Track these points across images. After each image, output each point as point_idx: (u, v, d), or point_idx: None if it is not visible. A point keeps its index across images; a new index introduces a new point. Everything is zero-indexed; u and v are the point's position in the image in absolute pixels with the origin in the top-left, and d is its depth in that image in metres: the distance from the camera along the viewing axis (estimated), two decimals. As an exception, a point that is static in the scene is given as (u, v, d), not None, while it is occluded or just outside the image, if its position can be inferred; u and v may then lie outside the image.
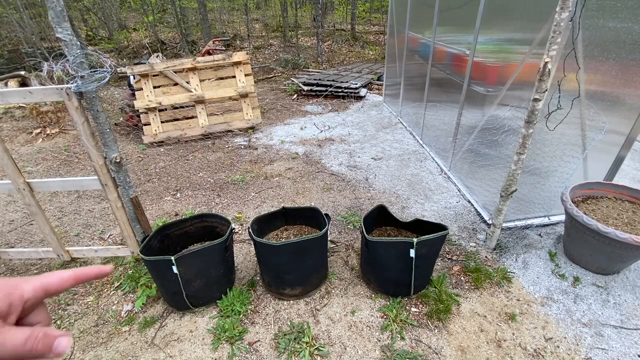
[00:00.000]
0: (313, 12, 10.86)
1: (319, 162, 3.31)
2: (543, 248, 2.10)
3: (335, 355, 1.52)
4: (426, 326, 1.64)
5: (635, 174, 3.03)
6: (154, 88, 3.85)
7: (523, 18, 1.94)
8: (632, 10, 1.64)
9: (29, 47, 7.33)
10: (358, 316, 1.69)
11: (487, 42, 2.29)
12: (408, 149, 3.55)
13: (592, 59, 1.75)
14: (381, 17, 12.07)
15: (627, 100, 1.93)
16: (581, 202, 2.03)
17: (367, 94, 5.54)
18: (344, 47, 9.22)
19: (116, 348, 1.55)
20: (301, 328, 1.62)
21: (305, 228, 1.98)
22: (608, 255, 1.76)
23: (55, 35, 1.44)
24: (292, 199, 2.70)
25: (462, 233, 2.27)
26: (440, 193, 2.74)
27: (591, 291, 1.80)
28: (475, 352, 1.52)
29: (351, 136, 3.92)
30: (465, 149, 2.70)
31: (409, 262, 1.61)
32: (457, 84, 2.70)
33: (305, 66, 7.36)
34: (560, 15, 1.41)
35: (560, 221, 2.28)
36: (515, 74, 2.01)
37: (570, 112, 1.76)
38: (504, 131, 2.17)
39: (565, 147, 2.06)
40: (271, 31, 11.36)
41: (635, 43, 1.72)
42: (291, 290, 1.74)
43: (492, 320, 1.66)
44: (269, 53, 8.86)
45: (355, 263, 2.03)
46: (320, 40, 7.69)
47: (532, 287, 1.84)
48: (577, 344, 1.55)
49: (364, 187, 2.85)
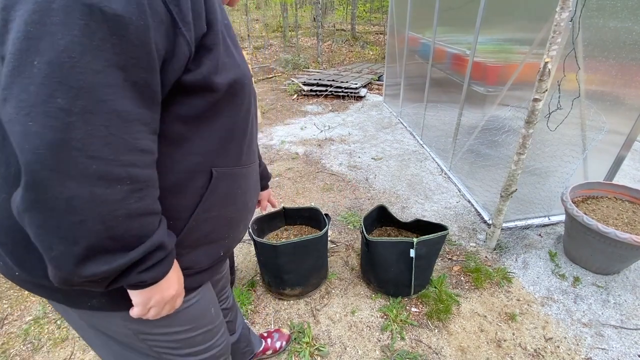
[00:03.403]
0: (313, 12, 10.86)
1: (319, 162, 3.31)
2: (543, 248, 2.10)
3: (335, 355, 1.52)
4: (426, 326, 1.64)
5: (635, 174, 3.03)
6: (154, 88, 3.85)
7: (523, 18, 1.94)
8: (632, 10, 1.64)
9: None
10: (358, 316, 1.69)
11: (487, 42, 2.29)
12: (408, 149, 3.55)
13: (592, 59, 1.75)
14: (381, 17, 12.08)
15: (627, 100, 1.93)
16: (581, 202, 2.03)
17: (367, 94, 5.54)
18: (344, 47, 9.22)
19: (116, 348, 1.55)
20: (301, 328, 1.62)
21: (305, 228, 1.98)
22: (608, 255, 1.76)
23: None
24: (292, 199, 2.70)
25: (462, 233, 2.27)
26: (440, 193, 2.74)
27: (591, 291, 1.80)
28: (475, 352, 1.52)
29: (351, 136, 3.92)
30: (466, 149, 2.70)
31: (409, 262, 1.61)
32: (457, 84, 2.70)
33: (305, 66, 7.36)
34: (560, 15, 1.41)
35: (560, 221, 2.28)
36: (515, 74, 2.01)
37: (571, 112, 1.76)
38: (504, 131, 2.17)
39: (566, 147, 2.06)
40: (271, 31, 11.36)
41: (635, 43, 1.72)
42: (291, 290, 1.74)
43: (492, 320, 1.66)
44: (269, 53, 8.86)
45: (355, 263, 2.03)
46: (320, 40, 7.70)
47: (532, 287, 1.84)
48: (577, 344, 1.55)
49: (364, 187, 2.85)
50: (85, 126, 0.41)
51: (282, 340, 1.50)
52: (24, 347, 1.56)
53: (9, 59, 0.39)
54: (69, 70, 0.39)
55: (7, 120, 0.40)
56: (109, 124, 0.43)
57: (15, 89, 0.39)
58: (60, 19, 0.38)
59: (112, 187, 0.44)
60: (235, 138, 0.66)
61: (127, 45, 0.42)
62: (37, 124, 0.39)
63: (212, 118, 0.59)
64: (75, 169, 0.41)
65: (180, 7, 0.46)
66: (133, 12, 0.42)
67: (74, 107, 0.40)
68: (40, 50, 0.38)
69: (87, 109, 0.41)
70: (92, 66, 0.40)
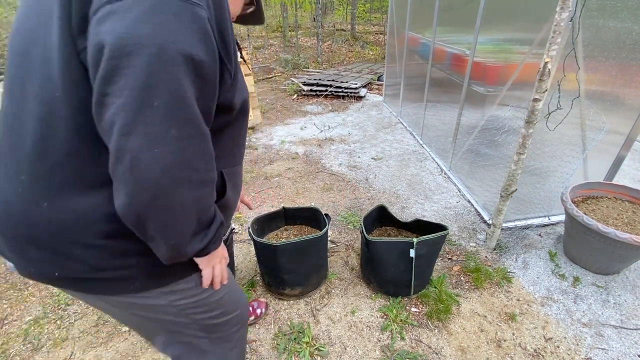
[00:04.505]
0: (313, 12, 10.86)
1: (319, 162, 3.31)
2: (543, 248, 2.10)
3: (335, 355, 1.52)
4: (426, 326, 1.64)
5: (635, 174, 3.03)
6: (154, 88, 3.85)
7: (523, 18, 1.94)
8: (632, 10, 1.64)
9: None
10: (358, 316, 1.69)
11: (487, 42, 2.29)
12: (408, 149, 3.55)
13: (592, 59, 1.75)
14: (381, 17, 12.08)
15: (627, 100, 1.93)
16: (581, 202, 2.03)
17: (367, 94, 5.54)
18: (344, 47, 9.22)
19: (116, 348, 1.55)
20: (301, 328, 1.62)
21: (305, 228, 1.98)
22: (608, 255, 1.76)
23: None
24: (292, 199, 2.70)
25: (462, 233, 2.27)
26: (440, 193, 2.74)
27: (591, 291, 1.80)
28: (475, 352, 1.52)
29: (351, 136, 3.92)
30: (466, 149, 2.70)
31: (409, 262, 1.61)
32: (457, 84, 2.70)
33: (305, 66, 7.36)
34: (560, 15, 1.41)
35: (560, 221, 2.28)
36: (515, 74, 2.01)
37: (570, 112, 1.76)
38: (504, 131, 2.17)
39: (565, 147, 2.06)
40: (271, 31, 11.36)
41: (635, 43, 1.72)
42: (291, 290, 1.74)
43: (492, 320, 1.66)
44: (269, 53, 8.86)
45: (355, 263, 2.03)
46: (320, 40, 7.70)
47: (532, 287, 1.84)
48: (577, 344, 1.55)
49: (364, 187, 2.85)
50: (190, 147, 0.56)
51: (261, 307, 1.68)
52: (24, 347, 1.56)
53: (130, 101, 0.49)
54: (178, 107, 0.53)
55: (134, 148, 0.51)
56: (200, 143, 0.58)
57: (140, 126, 0.50)
58: (169, 68, 0.50)
59: (205, 188, 0.62)
60: (239, 143, 0.82)
61: (205, 83, 0.56)
62: (161, 151, 0.52)
63: (225, 130, 0.73)
64: (187, 180, 0.57)
65: (227, 49, 0.61)
66: (209, 58, 0.55)
67: (182, 134, 0.54)
68: (157, 94, 0.50)
69: (190, 134, 0.55)
70: (190, 101, 0.54)
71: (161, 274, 0.71)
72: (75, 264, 0.64)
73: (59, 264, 0.64)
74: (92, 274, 0.65)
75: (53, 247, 0.62)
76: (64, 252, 0.63)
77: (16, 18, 0.60)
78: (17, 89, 0.59)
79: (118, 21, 0.48)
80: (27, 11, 0.58)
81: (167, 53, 0.49)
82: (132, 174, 0.52)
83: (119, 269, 0.66)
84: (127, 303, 0.73)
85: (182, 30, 0.51)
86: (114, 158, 0.52)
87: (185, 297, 0.78)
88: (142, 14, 0.48)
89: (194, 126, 0.56)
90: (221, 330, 0.91)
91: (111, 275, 0.66)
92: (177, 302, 0.77)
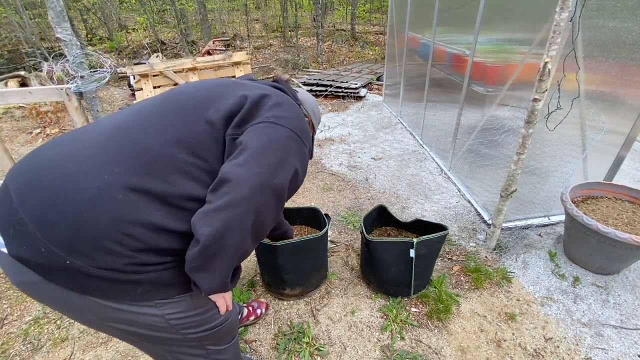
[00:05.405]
0: (313, 12, 10.86)
1: (319, 162, 3.31)
2: (543, 248, 2.10)
3: (335, 355, 1.52)
4: (426, 326, 1.64)
5: (635, 174, 3.03)
6: (154, 88, 3.85)
7: (523, 18, 1.94)
8: (632, 10, 1.64)
9: (29, 47, 7.33)
10: (358, 316, 1.69)
11: (487, 42, 2.29)
12: (408, 149, 3.55)
13: (592, 59, 1.75)
14: (381, 17, 12.08)
15: (627, 100, 1.93)
16: (581, 202, 2.03)
17: (367, 94, 5.54)
18: (344, 47, 9.21)
19: (116, 348, 1.55)
20: (301, 328, 1.62)
21: (305, 228, 1.98)
22: (608, 255, 1.76)
23: (55, 36, 1.44)
24: (292, 199, 2.70)
25: (462, 233, 2.27)
26: (440, 193, 2.74)
27: (591, 291, 1.80)
28: (475, 352, 1.52)
29: (351, 136, 3.92)
30: (465, 149, 2.70)
31: (409, 262, 1.61)
32: (457, 84, 2.70)
33: (305, 66, 7.35)
34: (560, 15, 1.41)
35: (560, 221, 2.28)
36: (515, 74, 2.01)
37: (570, 112, 1.76)
38: (504, 131, 2.17)
39: (565, 147, 2.06)
40: (271, 31, 11.36)
41: (635, 43, 1.72)
42: (291, 291, 1.74)
43: (492, 320, 1.66)
44: (269, 53, 8.86)
45: (355, 263, 2.03)
46: (320, 40, 7.70)
47: (532, 287, 1.84)
48: (577, 344, 1.55)
49: (364, 187, 2.85)
50: (279, 203, 0.78)
51: (261, 307, 1.69)
52: (24, 347, 1.56)
53: (254, 150, 0.74)
54: (283, 164, 0.77)
55: (239, 177, 0.70)
56: (281, 205, 0.81)
57: (255, 166, 0.72)
58: (284, 142, 0.80)
59: (258, 243, 0.83)
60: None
61: (304, 156, 0.87)
62: (261, 192, 0.72)
63: None
64: (263, 235, 0.82)
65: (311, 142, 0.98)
66: (308, 143, 0.89)
67: (280, 191, 0.77)
68: (274, 152, 0.76)
69: (281, 207, 0.81)
70: (293, 164, 0.80)
71: (162, 287, 0.76)
72: (107, 256, 0.67)
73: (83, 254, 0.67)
74: (101, 273, 0.67)
75: (94, 234, 0.66)
76: (100, 244, 0.66)
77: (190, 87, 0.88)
78: (157, 119, 0.78)
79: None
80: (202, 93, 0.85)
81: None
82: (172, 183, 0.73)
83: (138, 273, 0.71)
84: (114, 309, 0.73)
85: (299, 157, 0.83)
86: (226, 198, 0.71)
87: (179, 312, 0.82)
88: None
89: (284, 184, 0.78)
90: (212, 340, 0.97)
91: (126, 278, 0.70)
92: (167, 313, 0.80)
